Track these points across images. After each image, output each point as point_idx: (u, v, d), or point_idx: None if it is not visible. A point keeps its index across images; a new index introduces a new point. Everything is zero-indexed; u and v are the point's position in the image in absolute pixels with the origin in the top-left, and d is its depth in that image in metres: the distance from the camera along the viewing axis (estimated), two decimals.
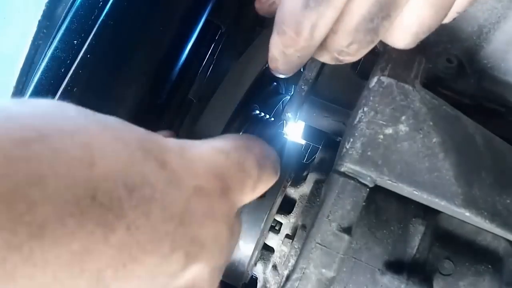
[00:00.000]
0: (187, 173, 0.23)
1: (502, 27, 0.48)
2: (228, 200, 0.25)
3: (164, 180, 0.21)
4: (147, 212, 0.19)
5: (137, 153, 0.20)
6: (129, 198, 0.18)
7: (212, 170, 0.25)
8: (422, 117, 0.38)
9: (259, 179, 0.28)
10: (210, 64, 0.52)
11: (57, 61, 0.39)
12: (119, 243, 0.17)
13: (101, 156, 0.18)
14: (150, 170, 0.20)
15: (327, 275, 0.37)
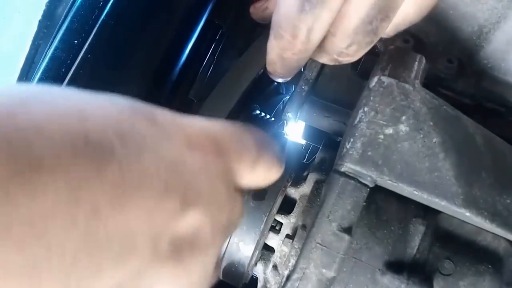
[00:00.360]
0: (178, 131, 0.23)
1: (502, 27, 0.48)
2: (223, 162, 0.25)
3: (154, 133, 0.22)
4: (138, 155, 0.20)
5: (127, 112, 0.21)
6: (120, 143, 0.19)
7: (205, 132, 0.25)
8: (422, 117, 0.38)
9: (258, 159, 0.27)
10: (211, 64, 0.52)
11: (58, 61, 0.39)
12: (113, 178, 0.18)
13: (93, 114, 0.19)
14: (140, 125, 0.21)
15: (327, 275, 0.37)
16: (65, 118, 0.18)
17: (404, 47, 0.47)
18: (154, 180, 0.20)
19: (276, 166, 0.29)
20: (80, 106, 0.20)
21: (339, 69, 0.53)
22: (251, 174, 0.27)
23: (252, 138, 0.28)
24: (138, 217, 0.19)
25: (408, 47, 0.49)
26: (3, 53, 0.41)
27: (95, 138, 0.18)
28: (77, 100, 0.20)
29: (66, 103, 0.19)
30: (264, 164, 0.28)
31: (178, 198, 0.21)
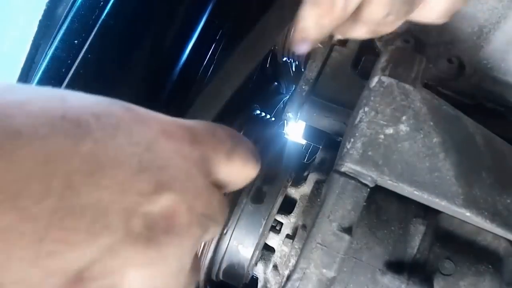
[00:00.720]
0: (153, 119, 0.24)
1: (502, 27, 0.48)
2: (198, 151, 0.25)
3: (130, 117, 0.22)
4: (113, 135, 0.21)
5: (105, 101, 0.23)
6: (96, 122, 0.20)
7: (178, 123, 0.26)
8: (422, 117, 0.38)
9: (233, 150, 0.27)
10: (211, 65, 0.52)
11: (58, 60, 0.39)
12: (87, 152, 0.19)
13: (72, 98, 0.21)
14: (117, 109, 0.22)
15: (327, 275, 0.37)
16: (46, 99, 0.20)
17: (405, 47, 0.47)
18: (128, 158, 0.21)
19: (252, 161, 0.29)
20: (61, 92, 0.21)
21: (339, 69, 0.53)
22: (227, 165, 0.27)
23: (224, 132, 0.28)
24: (112, 192, 0.20)
25: (409, 47, 0.49)
26: (3, 53, 0.40)
27: (72, 115, 0.19)
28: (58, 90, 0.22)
29: (49, 90, 0.21)
30: (239, 156, 0.28)
31: (152, 178, 0.21)
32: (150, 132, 0.23)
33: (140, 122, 0.23)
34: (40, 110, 0.19)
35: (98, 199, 0.19)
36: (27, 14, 0.40)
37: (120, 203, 0.20)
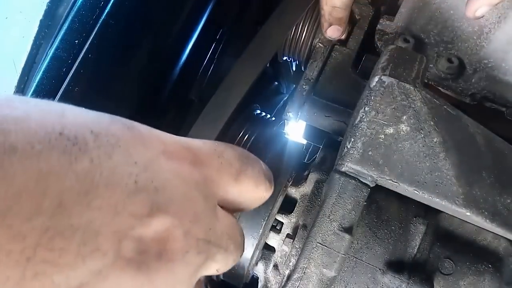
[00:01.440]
0: (155, 138, 0.23)
1: (502, 27, 0.48)
2: (200, 173, 0.24)
3: (130, 136, 0.22)
4: (110, 153, 0.20)
5: (105, 117, 0.22)
6: (94, 140, 0.19)
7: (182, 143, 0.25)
8: (423, 116, 0.38)
9: (242, 172, 0.27)
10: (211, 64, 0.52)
11: (59, 60, 0.39)
12: (82, 171, 0.18)
13: (71, 114, 0.20)
14: (117, 127, 0.22)
15: (328, 274, 0.37)
16: (45, 114, 0.19)
17: (405, 47, 0.47)
18: (124, 179, 0.20)
19: (264, 183, 0.28)
20: (61, 107, 0.20)
21: (340, 69, 0.53)
22: (236, 186, 0.26)
23: (233, 153, 0.27)
24: (104, 214, 0.19)
25: (409, 47, 0.49)
26: (4, 53, 0.41)
27: (70, 132, 0.19)
28: (58, 105, 0.21)
29: (48, 105, 0.20)
30: (249, 178, 0.27)
31: (147, 200, 0.20)
32: (150, 152, 0.22)
33: (141, 142, 0.22)
34: (38, 126, 0.18)
35: (89, 220, 0.19)
36: (27, 14, 0.40)
37: (111, 225, 0.19)
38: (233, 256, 0.26)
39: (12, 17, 0.40)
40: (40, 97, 0.38)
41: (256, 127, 0.56)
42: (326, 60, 0.54)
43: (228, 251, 0.26)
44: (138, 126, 0.23)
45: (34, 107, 0.19)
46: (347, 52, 0.54)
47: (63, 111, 0.20)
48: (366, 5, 0.57)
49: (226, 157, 0.26)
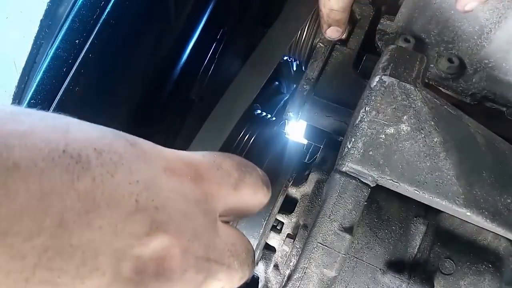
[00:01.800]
0: (157, 155, 0.24)
1: (503, 26, 0.48)
2: (201, 189, 0.25)
3: (133, 154, 0.22)
4: (112, 171, 0.20)
5: (109, 133, 0.22)
6: (97, 157, 0.20)
7: (183, 159, 0.25)
8: (423, 116, 0.38)
9: (241, 181, 0.27)
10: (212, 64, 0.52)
11: (59, 60, 0.39)
12: (84, 190, 0.19)
13: (76, 130, 0.20)
14: (120, 144, 0.22)
15: (328, 274, 0.37)
16: (50, 129, 0.19)
17: (406, 47, 0.47)
18: (125, 198, 0.20)
19: (262, 189, 0.29)
20: (65, 122, 0.20)
21: (340, 69, 0.53)
22: (235, 195, 0.27)
23: (232, 163, 0.27)
24: (104, 234, 0.19)
25: (410, 47, 0.49)
26: (5, 52, 0.41)
27: (74, 149, 0.19)
28: (63, 119, 0.21)
29: (54, 119, 0.20)
30: (247, 186, 0.27)
31: (146, 219, 0.21)
32: (152, 169, 0.22)
33: (143, 159, 0.22)
34: (42, 142, 0.18)
35: (89, 240, 0.19)
36: (28, 13, 0.40)
37: (111, 245, 0.19)
38: (238, 274, 0.26)
39: (13, 17, 0.40)
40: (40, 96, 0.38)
41: (256, 127, 0.56)
42: (327, 60, 0.54)
43: (232, 268, 0.25)
44: (141, 142, 0.23)
45: (39, 121, 0.19)
46: (348, 52, 0.54)
47: (68, 126, 0.20)
48: (367, 5, 0.56)
49: (225, 168, 0.27)
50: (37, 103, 0.38)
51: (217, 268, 0.24)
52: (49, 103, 0.38)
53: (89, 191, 0.19)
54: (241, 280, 0.26)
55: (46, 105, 0.38)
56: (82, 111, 0.41)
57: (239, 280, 0.26)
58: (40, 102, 0.38)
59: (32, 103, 0.38)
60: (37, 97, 0.39)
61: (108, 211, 0.19)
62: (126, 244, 0.20)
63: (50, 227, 0.17)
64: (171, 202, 0.22)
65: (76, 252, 0.18)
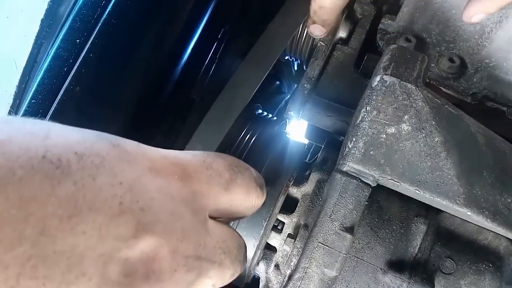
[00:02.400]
0: (141, 155, 0.23)
1: (504, 26, 0.48)
2: (189, 187, 0.24)
3: (115, 155, 0.21)
4: (94, 175, 0.20)
5: (91, 136, 0.22)
6: (78, 161, 0.19)
7: (169, 158, 0.25)
8: (424, 116, 0.38)
9: (232, 180, 0.26)
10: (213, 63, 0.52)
11: (60, 60, 0.39)
12: (65, 195, 0.18)
13: (56, 135, 0.20)
14: (102, 146, 0.21)
15: (329, 274, 0.37)
16: (28, 136, 0.19)
17: (407, 46, 0.47)
18: (108, 201, 0.20)
19: (255, 190, 0.28)
20: (45, 128, 0.20)
21: (341, 68, 0.53)
22: (226, 196, 0.26)
23: (223, 162, 0.27)
24: (88, 238, 0.19)
25: (411, 46, 0.49)
26: (5, 52, 0.40)
27: (53, 154, 0.19)
28: (43, 124, 0.21)
29: (33, 125, 0.20)
30: (239, 186, 0.27)
31: (132, 221, 0.20)
32: (135, 170, 0.22)
33: (126, 160, 0.22)
34: (21, 150, 0.18)
35: (73, 245, 0.18)
36: (29, 13, 0.40)
37: (97, 249, 0.19)
38: (230, 271, 0.26)
39: (13, 17, 0.40)
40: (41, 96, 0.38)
41: (257, 126, 0.56)
42: (328, 59, 0.54)
43: (223, 266, 0.25)
44: (124, 142, 0.23)
45: (17, 129, 0.19)
46: (349, 51, 0.54)
47: (47, 132, 0.20)
48: (368, 4, 0.56)
49: (215, 168, 0.26)
50: (37, 102, 0.38)
51: (208, 266, 0.24)
52: (50, 103, 0.38)
53: (71, 196, 0.18)
54: (232, 276, 0.26)
55: (47, 105, 0.38)
56: (83, 111, 0.41)
57: (230, 276, 0.26)
58: (41, 102, 0.38)
59: (32, 102, 0.38)
60: (38, 97, 0.39)
61: (91, 215, 0.19)
62: (112, 248, 0.20)
63: (32, 235, 0.17)
64: (157, 202, 0.22)
65: (60, 259, 0.18)
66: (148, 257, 0.21)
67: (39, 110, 0.38)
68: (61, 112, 0.38)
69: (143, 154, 0.23)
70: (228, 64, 0.53)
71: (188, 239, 0.23)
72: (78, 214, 0.19)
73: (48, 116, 0.38)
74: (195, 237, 0.23)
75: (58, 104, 0.38)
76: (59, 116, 0.38)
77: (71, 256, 0.18)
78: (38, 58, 0.40)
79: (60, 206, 0.18)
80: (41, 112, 0.38)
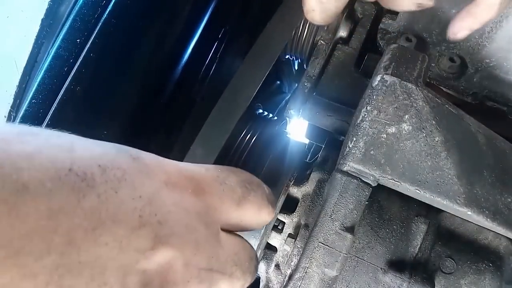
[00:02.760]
0: (159, 169, 0.24)
1: (504, 26, 0.48)
2: (202, 201, 0.25)
3: (135, 168, 0.23)
4: (116, 188, 0.21)
5: (112, 149, 0.23)
6: (101, 174, 0.21)
7: (185, 172, 0.26)
8: (425, 116, 0.38)
9: (244, 197, 0.28)
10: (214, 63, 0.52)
11: (60, 59, 0.39)
12: (90, 208, 0.19)
13: (80, 147, 0.21)
14: (123, 160, 0.23)
15: (329, 274, 0.37)
16: (55, 149, 0.20)
17: (407, 46, 0.47)
18: (129, 214, 0.21)
19: (267, 208, 0.29)
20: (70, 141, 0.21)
21: (342, 68, 0.53)
22: (238, 211, 0.27)
23: (237, 178, 0.28)
24: (110, 249, 0.20)
25: (411, 46, 0.49)
26: (6, 52, 0.40)
27: (79, 167, 0.20)
28: (68, 137, 0.22)
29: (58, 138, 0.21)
30: (251, 203, 0.28)
31: (150, 234, 0.21)
32: (154, 184, 0.23)
33: (145, 174, 0.23)
34: (49, 162, 0.19)
35: (97, 256, 0.19)
36: (29, 12, 0.40)
37: (118, 260, 0.20)
38: (240, 282, 0.27)
39: (14, 16, 0.40)
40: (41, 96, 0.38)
41: (258, 126, 0.56)
42: (328, 59, 0.54)
43: (234, 277, 0.26)
44: (143, 156, 0.24)
45: (45, 141, 0.20)
46: (350, 51, 0.54)
47: (72, 145, 0.21)
48: (369, 4, 0.56)
49: (228, 184, 0.27)
50: (38, 102, 0.38)
51: (219, 277, 0.25)
52: (50, 103, 0.38)
53: (95, 208, 0.19)
54: (243, 287, 0.27)
55: (47, 105, 0.38)
56: (83, 110, 0.41)
57: (240, 287, 0.27)
58: (41, 102, 0.38)
59: (33, 102, 0.38)
60: (38, 97, 0.39)
61: (113, 228, 0.20)
62: (132, 259, 0.21)
63: (60, 246, 0.18)
64: (173, 216, 0.23)
65: (84, 269, 0.19)
66: (163, 268, 0.22)
67: (39, 110, 0.38)
68: (61, 112, 0.38)
69: (161, 167, 0.25)
70: (228, 64, 0.53)
71: (201, 251, 0.24)
72: (101, 226, 0.20)
73: (48, 116, 0.38)
74: (208, 249, 0.25)
75: (58, 104, 0.38)
76: (59, 116, 0.38)
77: (95, 266, 0.19)
78: (39, 57, 0.40)
79: (85, 218, 0.19)
80: (41, 112, 0.38)
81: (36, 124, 0.38)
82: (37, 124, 0.38)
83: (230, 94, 0.44)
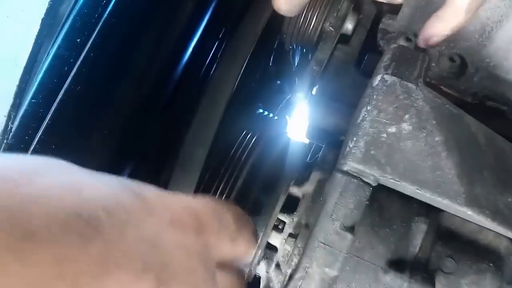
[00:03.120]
0: (162, 207, 0.25)
1: (505, 25, 0.48)
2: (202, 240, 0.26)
3: (139, 208, 0.24)
4: (122, 231, 0.21)
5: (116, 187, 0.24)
6: (107, 218, 0.21)
7: (187, 209, 0.27)
8: (425, 115, 0.38)
9: (238, 232, 0.29)
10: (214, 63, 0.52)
11: (60, 59, 0.39)
12: (96, 254, 0.20)
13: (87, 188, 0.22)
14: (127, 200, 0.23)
15: (330, 274, 0.37)
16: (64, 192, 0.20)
17: (407, 46, 0.47)
18: (134, 258, 0.21)
19: (254, 242, 0.31)
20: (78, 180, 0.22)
21: (342, 68, 0.53)
22: (231, 248, 0.29)
23: (231, 216, 0.29)
24: None
25: (411, 46, 0.49)
26: (6, 52, 0.40)
27: (86, 213, 0.20)
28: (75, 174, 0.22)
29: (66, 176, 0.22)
30: (243, 239, 0.29)
31: (153, 277, 0.22)
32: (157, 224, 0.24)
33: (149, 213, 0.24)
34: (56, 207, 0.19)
35: None
36: (29, 12, 0.40)
37: None
38: None
39: (14, 16, 0.40)
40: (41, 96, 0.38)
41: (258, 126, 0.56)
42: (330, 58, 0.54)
43: None
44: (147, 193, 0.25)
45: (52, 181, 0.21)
46: (350, 50, 0.54)
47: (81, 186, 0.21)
48: (369, 3, 0.56)
49: (225, 221, 0.28)
50: (38, 102, 0.38)
51: None
52: (50, 103, 0.38)
53: (101, 254, 0.20)
54: None
55: (47, 105, 0.38)
56: (83, 110, 0.41)
57: None
58: (41, 102, 0.38)
59: (33, 102, 0.38)
60: (38, 97, 0.39)
61: (118, 273, 0.20)
62: None
63: None
64: (175, 256, 0.24)
65: None
66: None
67: (39, 110, 0.38)
68: (61, 112, 0.38)
69: (163, 205, 0.25)
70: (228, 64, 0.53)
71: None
72: (106, 271, 0.20)
73: (48, 115, 0.38)
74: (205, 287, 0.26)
75: (58, 104, 0.38)
76: (59, 116, 0.38)
77: None
78: (39, 57, 0.40)
79: (91, 263, 0.19)
80: (41, 112, 0.38)
81: (36, 124, 0.38)
82: (37, 124, 0.38)
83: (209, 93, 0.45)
